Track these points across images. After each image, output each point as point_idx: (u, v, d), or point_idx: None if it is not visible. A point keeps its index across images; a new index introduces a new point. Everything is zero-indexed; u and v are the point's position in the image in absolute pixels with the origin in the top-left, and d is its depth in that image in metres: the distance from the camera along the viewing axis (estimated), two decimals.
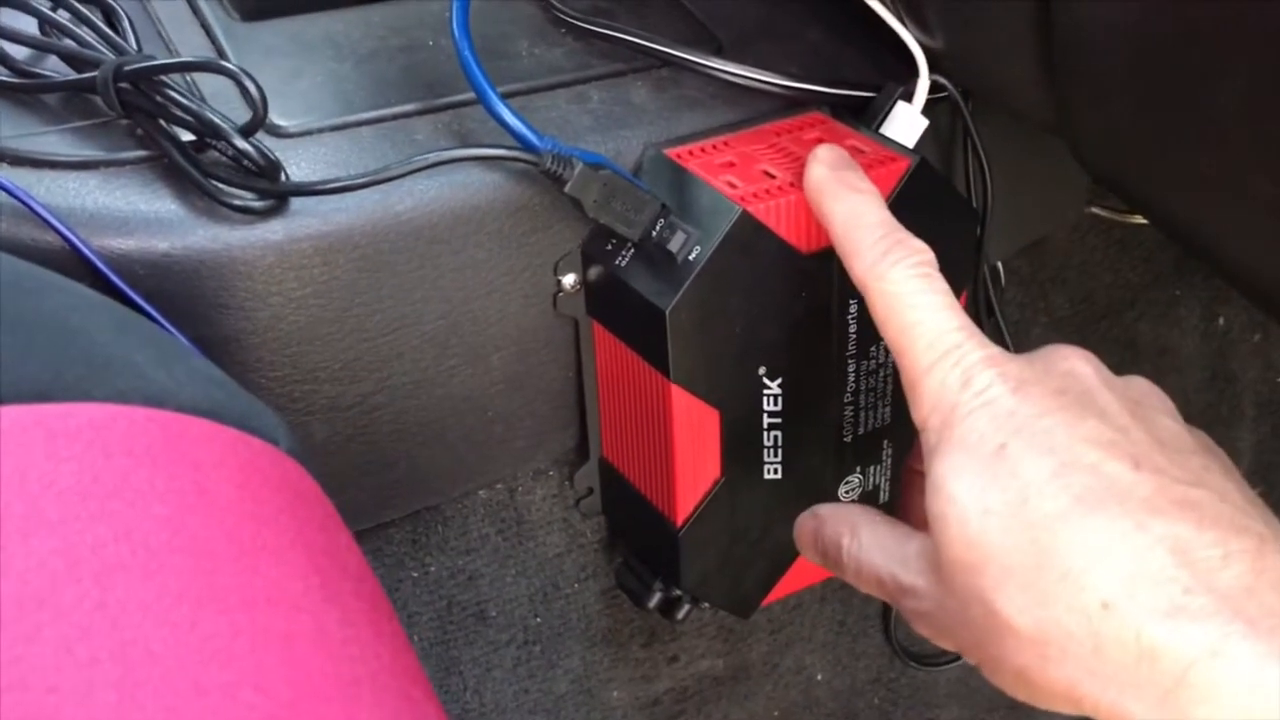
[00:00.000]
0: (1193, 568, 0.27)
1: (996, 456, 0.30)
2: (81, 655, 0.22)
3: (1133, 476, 0.29)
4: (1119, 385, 0.32)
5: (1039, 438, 0.30)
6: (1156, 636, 0.27)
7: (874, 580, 0.34)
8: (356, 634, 0.26)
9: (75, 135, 0.40)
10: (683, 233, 0.41)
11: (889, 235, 0.35)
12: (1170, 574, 0.27)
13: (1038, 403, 0.31)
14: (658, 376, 0.42)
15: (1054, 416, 0.30)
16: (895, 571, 0.33)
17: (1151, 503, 0.29)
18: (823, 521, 0.36)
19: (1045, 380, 0.32)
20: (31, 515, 0.23)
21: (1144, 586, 0.27)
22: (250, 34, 0.45)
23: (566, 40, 0.47)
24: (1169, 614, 0.27)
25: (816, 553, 0.37)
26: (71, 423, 0.25)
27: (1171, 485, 0.29)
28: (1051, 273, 0.61)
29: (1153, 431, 0.31)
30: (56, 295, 0.30)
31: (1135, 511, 0.28)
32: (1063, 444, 0.30)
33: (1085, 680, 0.28)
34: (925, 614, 0.32)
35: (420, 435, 0.45)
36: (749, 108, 0.46)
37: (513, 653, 0.52)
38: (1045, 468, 0.30)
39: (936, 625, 0.32)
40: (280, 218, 0.39)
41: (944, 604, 0.31)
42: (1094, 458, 0.30)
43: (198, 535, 0.25)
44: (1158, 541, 0.28)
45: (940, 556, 0.31)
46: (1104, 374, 0.33)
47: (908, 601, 0.33)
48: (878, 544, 0.34)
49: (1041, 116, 0.43)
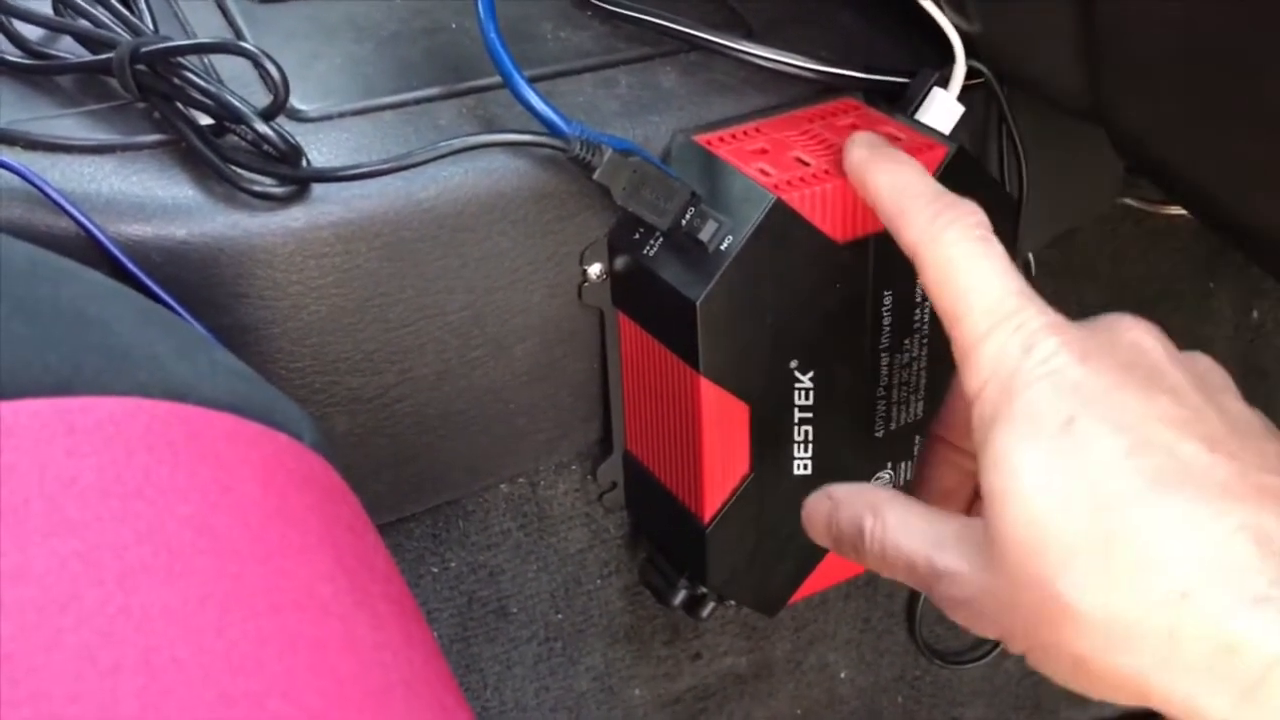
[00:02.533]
0: (1277, 558, 0.26)
1: (1064, 431, 0.29)
2: (104, 663, 0.21)
3: (1209, 459, 0.28)
4: (1186, 361, 0.31)
5: (1111, 413, 0.29)
6: (1239, 629, 0.26)
7: (904, 565, 0.32)
8: (388, 639, 0.25)
9: (90, 118, 0.39)
10: (714, 221, 0.39)
11: (940, 198, 0.34)
12: (1254, 564, 0.26)
13: (1106, 375, 0.29)
14: (686, 369, 0.41)
15: (1125, 391, 0.29)
16: (930, 555, 0.31)
17: (1230, 488, 0.27)
18: (839, 503, 0.34)
19: (1112, 352, 0.30)
20: (52, 515, 0.22)
21: (1226, 576, 0.26)
22: (269, 16, 0.44)
23: (592, 23, 0.46)
24: (1252, 606, 0.26)
25: (830, 537, 0.34)
26: (92, 417, 0.24)
27: (1249, 470, 0.28)
28: (1083, 264, 0.60)
29: (1224, 413, 0.29)
30: (74, 283, 0.29)
31: (1213, 497, 0.27)
32: (1135, 421, 0.28)
33: (1157, 672, 0.27)
34: (965, 600, 0.30)
35: (442, 428, 0.44)
36: (780, 93, 0.44)
37: (534, 649, 0.51)
38: (1118, 446, 0.28)
39: (978, 611, 0.30)
40: (301, 204, 0.38)
41: (990, 588, 0.30)
42: (1168, 437, 0.28)
43: (222, 536, 0.24)
44: (1239, 529, 0.27)
45: (994, 535, 0.29)
46: (1170, 348, 0.31)
47: (944, 587, 0.31)
48: (906, 526, 0.32)
49: (1079, 103, 0.42)
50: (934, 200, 0.33)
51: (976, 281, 0.31)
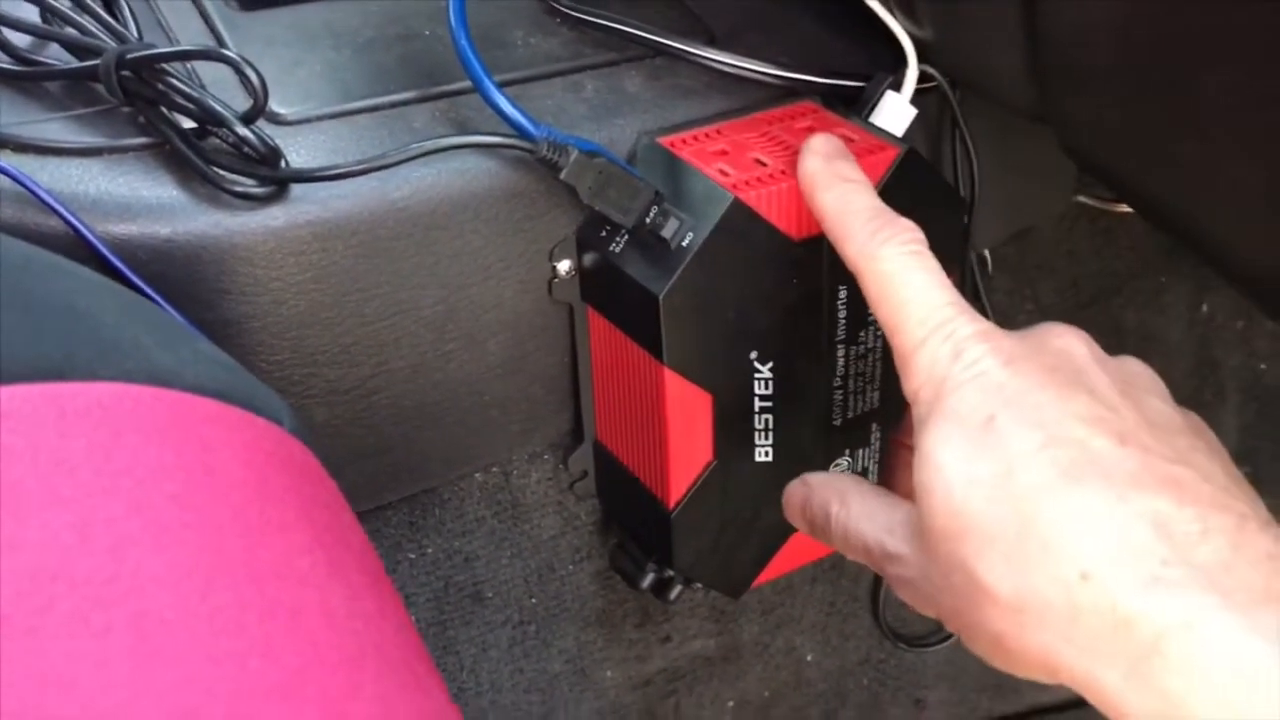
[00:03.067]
0: (1171, 541, 0.28)
1: (984, 428, 0.31)
2: (96, 625, 0.22)
3: (1118, 452, 0.30)
4: (1111, 365, 0.33)
5: (1028, 411, 0.31)
6: (1132, 606, 0.28)
7: (861, 547, 0.35)
8: (361, 608, 0.26)
9: (78, 122, 0.40)
10: (676, 219, 0.41)
11: (878, 217, 0.36)
12: (1149, 547, 0.28)
13: (1028, 377, 0.31)
14: (651, 361, 0.43)
15: (1044, 391, 0.31)
16: (882, 539, 0.34)
17: (1135, 478, 0.29)
18: (812, 490, 0.37)
19: (1037, 356, 0.32)
20: (45, 491, 0.24)
21: (1123, 558, 0.28)
22: (249, 23, 0.46)
23: (561, 30, 0.48)
24: (1146, 585, 0.28)
25: (805, 521, 0.37)
26: (82, 401, 0.26)
27: (1156, 462, 0.30)
28: (1039, 260, 0.62)
29: (1142, 410, 0.31)
30: (64, 278, 0.30)
31: (1118, 485, 0.29)
32: (1051, 418, 0.30)
33: (1061, 648, 0.29)
34: (909, 581, 0.33)
35: (417, 419, 0.45)
36: (741, 97, 0.46)
37: (508, 633, 0.53)
38: (1033, 440, 0.30)
39: (919, 592, 0.33)
40: (280, 204, 0.39)
41: (927, 571, 0.32)
42: (1081, 433, 0.30)
43: (206, 511, 0.25)
44: (1139, 515, 0.29)
45: (924, 524, 0.32)
46: (1097, 353, 0.33)
47: (892, 568, 0.33)
48: (866, 512, 0.35)
49: (1028, 106, 0.44)
50: (873, 218, 0.36)
51: (911, 294, 0.34)
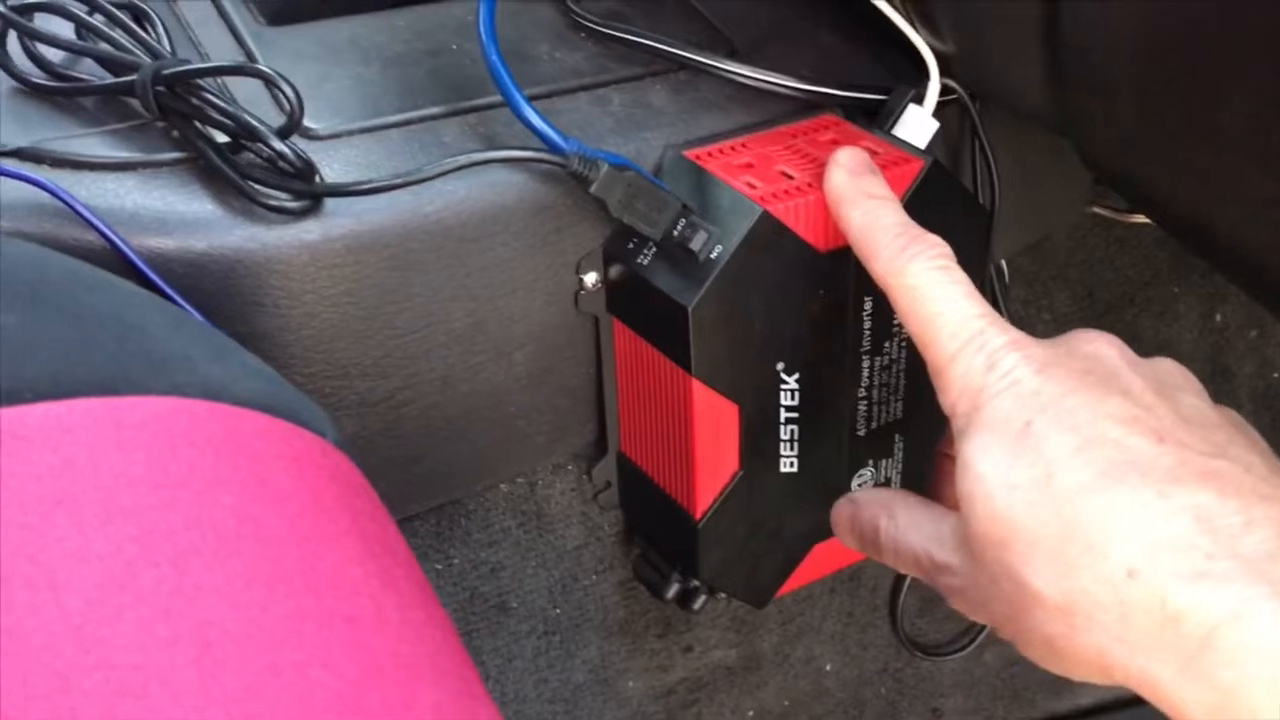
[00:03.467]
0: (1215, 534, 0.28)
1: (1022, 434, 0.31)
2: (162, 635, 0.23)
3: (1155, 450, 0.30)
4: (1144, 365, 0.33)
5: (1063, 415, 0.31)
6: (1181, 601, 0.28)
7: (911, 559, 0.35)
8: (413, 617, 0.27)
9: (113, 137, 0.41)
10: (704, 232, 0.42)
11: (905, 233, 0.36)
12: (1193, 540, 0.28)
13: (1062, 382, 0.32)
14: (679, 372, 0.43)
15: (1078, 395, 0.31)
16: (931, 550, 0.34)
17: (1174, 474, 0.29)
18: (859, 506, 0.37)
19: (1069, 361, 0.33)
20: (108, 503, 0.24)
21: (1168, 553, 0.28)
22: (278, 38, 0.46)
23: (586, 44, 0.48)
24: (1192, 579, 0.28)
25: (854, 537, 0.38)
26: (138, 415, 0.26)
27: (1194, 457, 0.30)
28: (1054, 270, 0.63)
29: (1177, 408, 0.32)
30: (112, 292, 0.31)
31: (1158, 482, 0.29)
32: (1086, 421, 0.31)
33: (1113, 647, 0.29)
34: (960, 590, 0.33)
35: (446, 430, 0.46)
36: (764, 110, 0.47)
37: (533, 643, 0.53)
38: (1069, 443, 0.30)
39: (970, 600, 0.33)
40: (314, 218, 0.40)
41: (976, 579, 0.32)
42: (1117, 433, 0.30)
43: (262, 523, 0.26)
44: (1181, 510, 0.29)
45: (969, 532, 0.32)
46: (1128, 355, 0.34)
47: (943, 578, 0.34)
48: (914, 524, 0.35)
49: (1048, 118, 0.44)
50: (900, 234, 0.36)
51: (941, 308, 0.34)
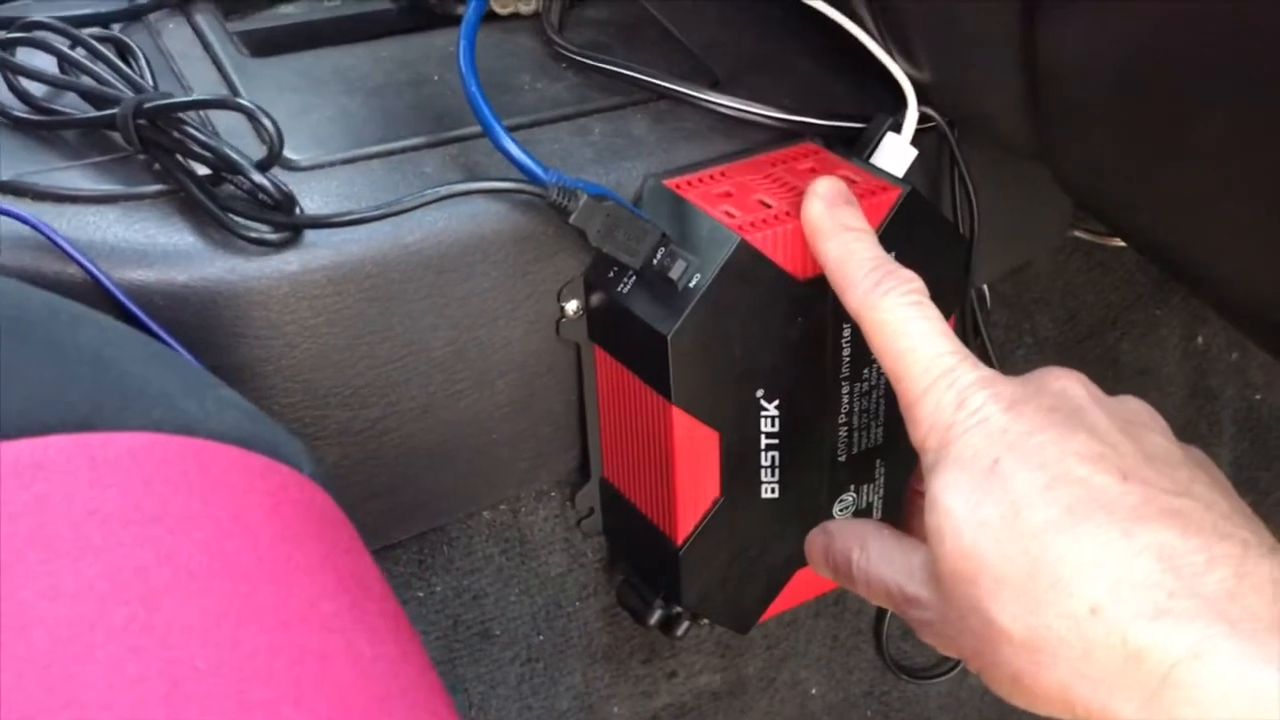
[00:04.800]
0: (1177, 572, 0.29)
1: (990, 472, 0.32)
2: (131, 673, 0.23)
3: (1120, 488, 0.30)
4: (1110, 404, 0.34)
5: (1030, 453, 0.31)
6: (1142, 638, 0.28)
7: (882, 592, 0.35)
8: (385, 652, 0.27)
9: (94, 170, 0.41)
10: (683, 261, 0.42)
11: (880, 267, 0.37)
12: (1155, 579, 0.29)
13: (1029, 420, 0.32)
14: (659, 399, 0.44)
15: (1045, 433, 0.32)
16: (901, 582, 0.34)
17: (1138, 512, 0.30)
18: (833, 537, 0.38)
19: (1037, 399, 0.33)
20: (79, 540, 0.24)
21: (1130, 591, 0.29)
22: (261, 70, 0.47)
23: (567, 74, 0.49)
24: (1154, 617, 0.28)
25: (828, 567, 0.38)
26: (112, 451, 0.26)
27: (1158, 495, 0.30)
28: (1036, 295, 0.63)
29: (1142, 447, 0.32)
30: (89, 327, 0.31)
31: (1122, 520, 0.30)
32: (1053, 458, 0.31)
33: (1076, 683, 0.29)
34: (929, 623, 0.33)
35: (427, 458, 0.46)
36: (744, 139, 0.47)
37: (516, 670, 0.54)
38: (1036, 481, 0.31)
39: (939, 634, 0.33)
40: (295, 249, 0.40)
41: (944, 613, 0.32)
42: (1083, 471, 0.31)
43: (235, 559, 0.26)
44: (1144, 548, 0.29)
45: (938, 568, 0.32)
46: (1095, 393, 0.34)
47: (913, 611, 0.34)
48: (885, 557, 0.35)
49: (1026, 145, 0.45)
50: (874, 269, 0.37)
51: (913, 344, 0.35)
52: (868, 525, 0.37)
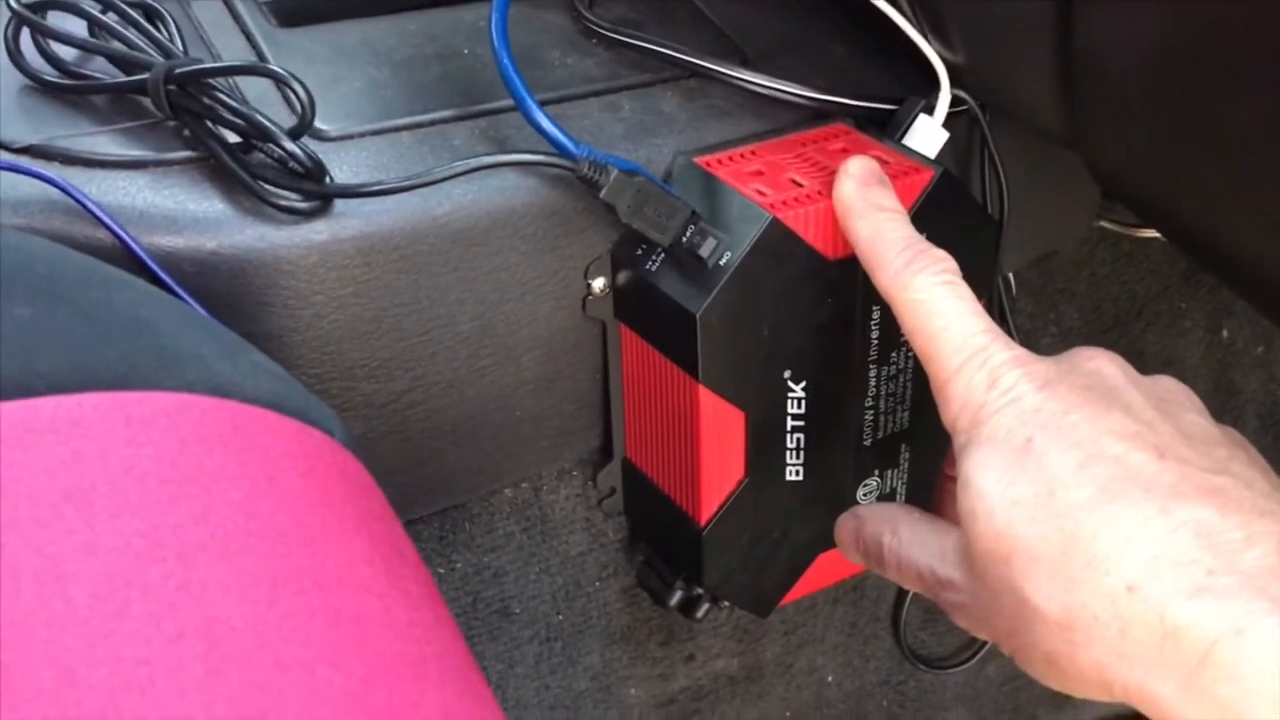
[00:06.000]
0: (1216, 550, 0.28)
1: (1023, 451, 0.31)
2: (169, 630, 0.23)
3: (1157, 465, 0.30)
4: (1145, 383, 0.34)
5: (1064, 431, 0.31)
6: (1180, 616, 0.28)
7: (914, 575, 0.35)
8: (420, 617, 0.27)
9: (124, 136, 0.41)
10: (713, 238, 0.42)
11: (911, 247, 0.36)
12: (1194, 556, 0.28)
13: (1063, 399, 0.32)
14: (686, 378, 0.43)
15: (1079, 411, 0.31)
16: (933, 565, 0.34)
17: (1176, 489, 0.30)
18: (863, 521, 0.37)
19: (1070, 378, 0.33)
20: (116, 497, 0.24)
21: (1168, 569, 0.28)
22: (289, 40, 0.47)
23: (597, 50, 0.49)
24: (1192, 594, 0.28)
25: (858, 551, 0.38)
26: (148, 410, 0.26)
27: (1195, 473, 0.30)
28: (1061, 284, 0.63)
29: (1178, 425, 0.32)
30: (124, 289, 0.31)
31: (1160, 498, 0.29)
32: (1088, 437, 0.31)
33: (1113, 662, 0.29)
34: (962, 606, 0.33)
35: (451, 433, 0.46)
36: (775, 118, 0.47)
37: (535, 649, 0.53)
38: (1071, 460, 0.31)
39: (972, 616, 0.33)
40: (324, 218, 0.40)
41: (978, 595, 0.32)
42: (1119, 449, 0.31)
43: (270, 520, 0.26)
44: (1181, 525, 0.29)
45: (971, 549, 0.32)
46: (1130, 373, 0.34)
47: (946, 594, 0.34)
48: (916, 540, 0.35)
49: (1058, 131, 0.44)
50: (906, 248, 0.36)
51: (945, 323, 0.34)
52: (898, 509, 0.37)
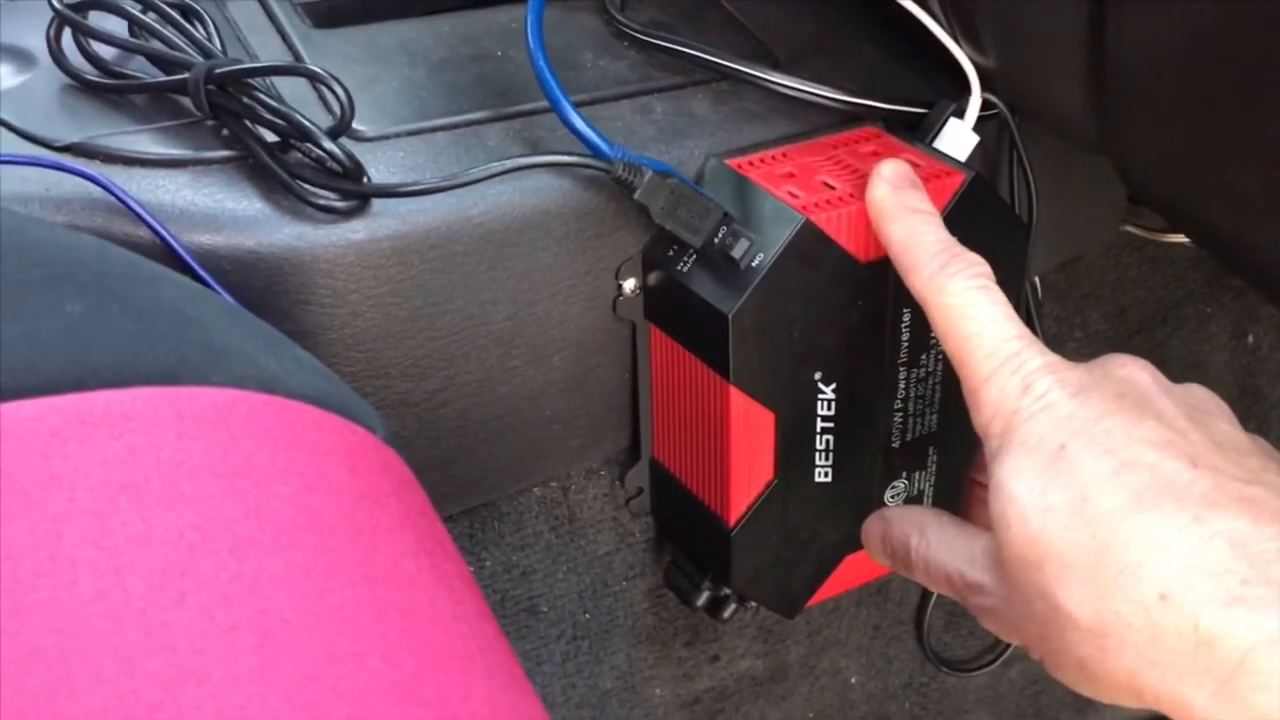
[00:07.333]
0: (1250, 560, 0.28)
1: (1056, 457, 0.31)
2: (223, 621, 0.23)
3: (1190, 474, 0.30)
4: (1177, 391, 0.34)
5: (1098, 439, 0.31)
6: (1214, 625, 0.28)
7: (942, 578, 0.35)
8: (464, 612, 0.27)
9: (164, 135, 0.41)
10: (745, 240, 0.42)
11: (946, 250, 0.37)
12: (1228, 565, 0.28)
13: (1096, 406, 0.32)
14: (717, 379, 0.44)
15: (1113, 419, 0.32)
16: (962, 569, 0.34)
17: (1209, 498, 0.30)
18: (890, 523, 0.37)
19: (1103, 385, 0.33)
20: (169, 490, 0.25)
21: (1202, 578, 0.28)
22: (325, 41, 0.47)
23: (629, 53, 0.49)
24: (1227, 603, 0.28)
25: (885, 554, 0.38)
26: (198, 405, 0.27)
27: (1229, 483, 0.30)
28: (1087, 289, 0.63)
29: (1210, 434, 0.32)
30: (171, 286, 0.31)
31: (1193, 507, 0.30)
32: (1121, 444, 0.31)
33: (1145, 670, 0.29)
34: (991, 610, 0.33)
35: (482, 432, 0.46)
36: (806, 121, 0.47)
37: (562, 648, 0.54)
38: (1104, 467, 0.31)
39: (1002, 621, 0.33)
40: (361, 218, 0.40)
41: (1008, 600, 0.32)
42: (1152, 457, 0.31)
43: (319, 514, 0.26)
44: (1215, 535, 0.29)
45: (1003, 553, 0.32)
46: (1161, 381, 0.34)
47: (974, 598, 0.34)
48: (945, 543, 0.35)
49: (1088, 135, 0.44)
50: (941, 251, 0.36)
51: (979, 328, 0.34)
52: (926, 512, 0.37)
